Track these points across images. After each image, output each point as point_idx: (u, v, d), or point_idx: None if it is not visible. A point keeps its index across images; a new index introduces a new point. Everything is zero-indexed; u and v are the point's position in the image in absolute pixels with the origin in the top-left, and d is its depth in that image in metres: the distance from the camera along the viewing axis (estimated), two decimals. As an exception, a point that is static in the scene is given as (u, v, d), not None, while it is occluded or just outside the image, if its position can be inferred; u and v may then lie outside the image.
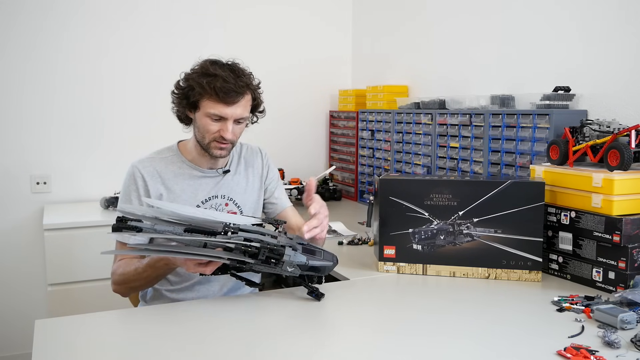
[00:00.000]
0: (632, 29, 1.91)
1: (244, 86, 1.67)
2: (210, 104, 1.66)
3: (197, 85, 1.65)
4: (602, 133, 1.76)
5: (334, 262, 1.60)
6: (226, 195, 1.81)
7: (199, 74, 1.67)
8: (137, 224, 1.43)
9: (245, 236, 1.44)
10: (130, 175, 1.76)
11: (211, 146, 1.72)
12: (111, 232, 1.43)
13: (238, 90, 1.65)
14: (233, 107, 1.66)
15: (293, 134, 3.59)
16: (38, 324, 1.41)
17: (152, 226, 1.43)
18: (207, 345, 1.29)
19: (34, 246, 3.00)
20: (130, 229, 1.42)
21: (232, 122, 1.68)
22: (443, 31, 2.84)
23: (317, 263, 1.53)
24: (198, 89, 1.65)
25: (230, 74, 1.65)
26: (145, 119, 3.19)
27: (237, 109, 1.67)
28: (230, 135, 1.68)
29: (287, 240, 1.51)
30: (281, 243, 1.46)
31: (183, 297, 1.77)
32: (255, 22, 3.44)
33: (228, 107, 1.66)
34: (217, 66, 1.67)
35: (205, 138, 1.71)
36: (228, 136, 1.68)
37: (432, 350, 1.28)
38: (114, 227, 1.42)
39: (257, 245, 1.43)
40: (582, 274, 1.73)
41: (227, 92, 1.63)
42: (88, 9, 3.06)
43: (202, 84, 1.64)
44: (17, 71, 2.96)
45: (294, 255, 1.47)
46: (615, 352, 1.24)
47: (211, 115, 1.67)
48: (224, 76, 1.63)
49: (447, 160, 2.54)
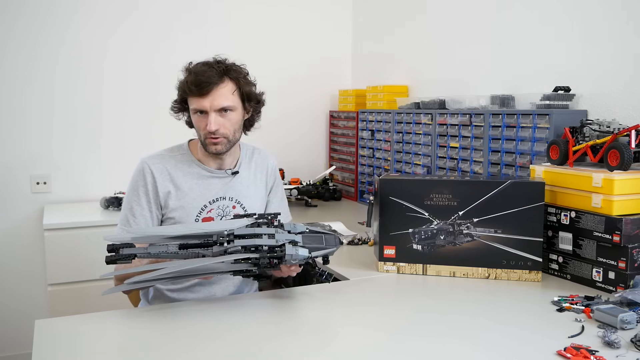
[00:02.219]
0: (633, 29, 1.91)
1: (217, 74, 1.67)
2: (191, 100, 1.70)
3: (180, 85, 1.72)
4: (602, 133, 1.76)
5: (337, 244, 1.57)
6: (234, 197, 1.81)
7: (183, 75, 1.73)
8: (130, 251, 1.42)
9: (241, 244, 1.43)
10: (140, 170, 1.76)
11: (206, 142, 1.73)
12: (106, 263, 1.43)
13: (210, 79, 1.65)
14: (209, 98, 1.67)
15: (293, 134, 3.59)
16: (38, 324, 1.41)
17: (145, 250, 1.43)
18: (207, 346, 1.30)
19: (34, 246, 3.00)
20: (124, 257, 1.41)
21: (213, 113, 1.68)
22: (443, 31, 2.84)
23: (320, 253, 1.52)
24: (180, 89, 1.72)
25: (204, 67, 1.68)
26: (146, 118, 3.19)
27: (215, 99, 1.67)
28: (214, 126, 1.67)
29: (286, 236, 1.48)
30: (280, 242, 1.45)
31: (184, 297, 1.77)
32: (255, 22, 3.44)
33: (204, 99, 1.67)
34: (196, 64, 1.71)
35: (200, 135, 1.74)
36: (212, 128, 1.67)
37: (432, 350, 1.28)
38: (107, 260, 1.42)
39: (257, 256, 1.42)
40: (582, 274, 1.73)
41: (199, 84, 1.65)
42: (88, 8, 3.06)
43: (182, 82, 1.70)
44: (17, 71, 2.96)
45: (296, 252, 1.45)
46: (615, 352, 1.24)
47: (195, 110, 1.71)
48: (197, 71, 1.67)
49: (447, 160, 2.54)
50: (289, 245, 1.45)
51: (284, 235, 1.47)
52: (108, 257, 1.42)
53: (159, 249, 1.44)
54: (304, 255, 1.46)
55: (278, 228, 1.50)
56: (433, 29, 2.92)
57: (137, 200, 1.74)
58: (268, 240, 1.44)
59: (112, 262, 1.42)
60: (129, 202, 1.75)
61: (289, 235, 1.49)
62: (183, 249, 1.45)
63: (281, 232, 1.49)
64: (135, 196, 1.74)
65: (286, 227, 1.51)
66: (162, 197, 1.74)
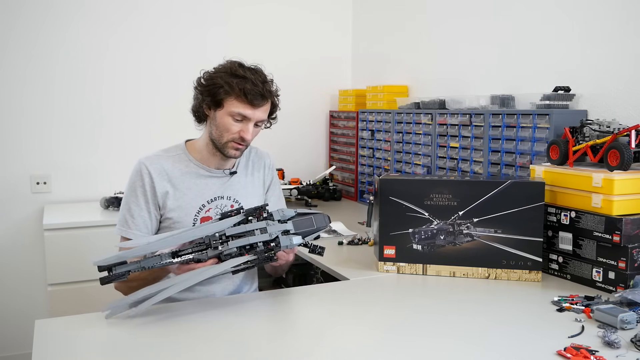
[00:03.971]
0: (633, 29, 1.91)
1: (270, 92, 1.73)
2: (236, 104, 1.69)
3: (226, 84, 1.68)
4: (602, 133, 1.76)
5: (327, 222, 1.59)
6: (232, 196, 1.81)
7: (227, 73, 1.71)
8: (122, 268, 1.42)
9: (236, 245, 1.45)
10: (137, 171, 1.76)
11: (228, 146, 1.74)
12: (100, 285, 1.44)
13: (265, 94, 1.70)
14: (257, 110, 1.71)
15: (293, 134, 3.59)
16: (38, 324, 1.41)
17: (137, 264, 1.43)
18: (207, 345, 1.30)
19: (34, 246, 3.00)
20: (118, 276, 1.41)
21: (253, 124, 1.72)
22: (443, 31, 2.84)
23: (313, 236, 1.55)
24: (226, 87, 1.69)
25: (260, 78, 1.71)
26: (146, 118, 3.19)
27: (260, 112, 1.72)
28: (250, 136, 1.72)
29: (277, 227, 1.49)
30: (273, 235, 1.47)
31: (184, 297, 1.77)
32: (255, 21, 3.44)
33: (253, 109, 1.70)
34: (245, 69, 1.72)
35: (224, 137, 1.73)
36: (248, 137, 1.72)
37: (432, 350, 1.28)
38: (102, 281, 1.42)
39: (252, 258, 1.44)
40: (582, 274, 1.73)
41: (255, 95, 1.68)
42: (88, 8, 3.06)
43: (232, 83, 1.68)
44: (17, 71, 2.96)
45: (290, 242, 1.48)
46: (615, 352, 1.24)
47: (235, 114, 1.70)
48: (252, 79, 1.69)
49: (447, 160, 2.54)
50: (283, 236, 1.48)
51: (275, 227, 1.49)
52: (103, 279, 1.42)
53: (152, 261, 1.44)
54: (298, 242, 1.50)
55: (268, 220, 1.51)
56: (433, 29, 2.92)
57: (135, 201, 1.74)
58: (261, 235, 1.46)
59: (107, 283, 1.43)
60: (127, 203, 1.75)
61: (280, 225, 1.50)
62: (176, 256, 1.46)
63: (272, 224, 1.50)
64: (134, 197, 1.74)
65: (275, 216, 1.52)
66: (160, 198, 1.74)
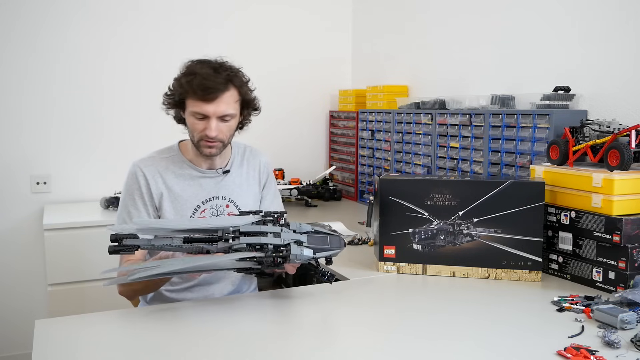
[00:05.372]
0: (632, 29, 1.91)
1: (224, 82, 1.66)
2: (193, 103, 1.67)
3: (179, 85, 1.69)
4: (602, 133, 1.76)
5: (342, 246, 1.56)
6: (227, 196, 1.81)
7: (183, 73, 1.70)
8: (133, 242, 1.41)
9: (247, 241, 1.42)
10: (132, 174, 1.76)
11: (200, 145, 1.72)
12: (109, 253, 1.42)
13: (217, 86, 1.64)
14: (214, 104, 1.66)
15: (293, 134, 3.59)
16: (38, 324, 1.41)
17: (148, 242, 1.43)
18: (207, 346, 1.30)
19: (34, 246, 3.00)
20: (128, 248, 1.41)
21: (215, 119, 1.68)
22: (443, 31, 2.84)
23: (324, 254, 1.52)
24: (180, 88, 1.68)
25: (210, 70, 1.65)
26: (146, 118, 3.19)
27: (220, 106, 1.66)
28: (214, 132, 1.67)
29: (291, 235, 1.47)
30: (285, 241, 1.44)
31: (183, 297, 1.77)
32: (255, 22, 3.44)
33: (209, 104, 1.65)
34: (199, 64, 1.68)
35: (194, 137, 1.73)
36: (212, 134, 1.67)
37: (432, 350, 1.28)
38: (110, 250, 1.41)
39: (262, 255, 1.41)
40: (582, 274, 1.73)
41: (205, 89, 1.63)
42: (88, 8, 3.06)
43: (183, 83, 1.67)
44: (17, 71, 2.96)
45: (300, 252, 1.45)
46: (615, 352, 1.24)
47: (195, 113, 1.68)
48: (203, 74, 1.64)
49: (447, 160, 2.54)
50: (294, 245, 1.45)
51: (289, 235, 1.47)
52: (111, 247, 1.41)
53: (163, 241, 1.43)
54: (308, 255, 1.46)
55: (284, 227, 1.49)
56: (433, 29, 2.92)
57: (133, 204, 1.74)
58: (274, 239, 1.44)
59: (115, 253, 1.42)
60: (126, 206, 1.75)
61: (294, 234, 1.48)
62: (187, 242, 1.45)
63: (287, 232, 1.48)
64: (131, 200, 1.74)
65: (292, 226, 1.51)
66: (157, 199, 1.75)
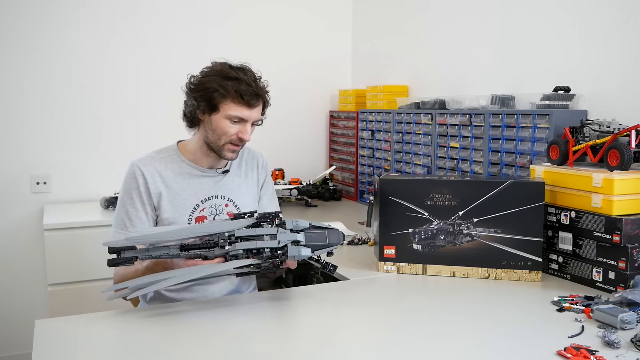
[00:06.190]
0: (632, 29, 1.91)
1: (262, 90, 1.73)
2: (232, 106, 1.69)
3: (220, 87, 1.67)
4: (602, 133, 1.76)
5: (340, 240, 1.56)
6: (226, 196, 1.82)
7: (219, 76, 1.68)
8: (131, 254, 1.42)
9: (243, 247, 1.43)
10: (131, 173, 1.76)
11: (225, 148, 1.74)
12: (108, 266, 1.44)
13: (259, 93, 1.71)
14: (255, 110, 1.72)
15: (293, 134, 3.59)
16: (38, 324, 1.41)
17: (146, 252, 1.44)
18: (207, 345, 1.30)
19: (34, 246, 3.00)
20: (126, 260, 1.42)
21: (250, 124, 1.73)
22: (443, 31, 2.84)
23: (322, 251, 1.52)
24: (221, 91, 1.67)
25: (250, 77, 1.70)
26: (146, 118, 3.19)
27: (256, 112, 1.73)
28: (248, 136, 1.73)
29: (288, 236, 1.47)
30: (282, 243, 1.44)
31: (182, 297, 1.77)
32: (255, 22, 3.44)
33: (251, 110, 1.70)
34: (236, 69, 1.71)
35: (221, 140, 1.72)
36: (247, 137, 1.72)
37: (432, 350, 1.28)
38: (110, 263, 1.43)
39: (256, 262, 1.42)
40: (582, 274, 1.73)
41: (251, 96, 1.68)
42: (88, 8, 3.06)
43: (226, 86, 1.67)
44: (17, 71, 2.96)
45: (298, 253, 1.45)
46: (615, 352, 1.24)
47: (232, 117, 1.69)
48: (245, 80, 1.68)
49: (447, 160, 2.54)
50: (292, 246, 1.45)
51: (285, 236, 1.47)
52: (111, 260, 1.42)
53: (160, 251, 1.45)
54: (306, 255, 1.47)
55: (280, 227, 1.49)
56: (433, 29, 2.92)
57: (131, 203, 1.74)
58: (270, 242, 1.44)
59: (114, 265, 1.43)
60: (124, 205, 1.75)
61: (291, 234, 1.48)
62: (184, 250, 1.46)
63: (283, 232, 1.48)
64: (129, 199, 1.74)
65: (288, 224, 1.51)
66: (155, 198, 1.74)
